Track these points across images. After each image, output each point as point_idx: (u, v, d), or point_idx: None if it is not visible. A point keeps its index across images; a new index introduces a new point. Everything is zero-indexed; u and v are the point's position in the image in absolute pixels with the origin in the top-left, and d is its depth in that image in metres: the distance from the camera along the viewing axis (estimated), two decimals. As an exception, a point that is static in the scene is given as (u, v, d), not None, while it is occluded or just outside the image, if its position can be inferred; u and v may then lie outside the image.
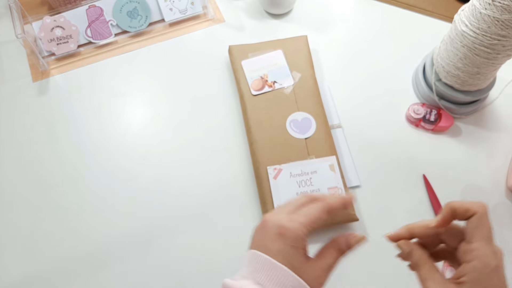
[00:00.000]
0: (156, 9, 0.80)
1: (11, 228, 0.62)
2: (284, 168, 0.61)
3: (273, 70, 0.69)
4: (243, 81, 0.68)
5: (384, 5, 0.84)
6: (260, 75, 0.68)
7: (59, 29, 0.76)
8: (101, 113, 0.72)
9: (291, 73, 0.68)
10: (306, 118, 0.65)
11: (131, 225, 0.62)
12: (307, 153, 0.62)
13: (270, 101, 0.67)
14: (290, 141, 0.63)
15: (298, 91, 0.67)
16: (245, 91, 0.68)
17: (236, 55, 0.71)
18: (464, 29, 0.57)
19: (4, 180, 0.66)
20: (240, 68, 0.70)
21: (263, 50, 0.71)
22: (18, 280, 0.59)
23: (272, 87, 0.67)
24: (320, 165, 0.61)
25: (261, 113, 0.65)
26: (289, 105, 0.66)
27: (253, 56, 0.70)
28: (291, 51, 0.71)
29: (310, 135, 0.63)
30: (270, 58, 0.70)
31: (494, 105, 0.71)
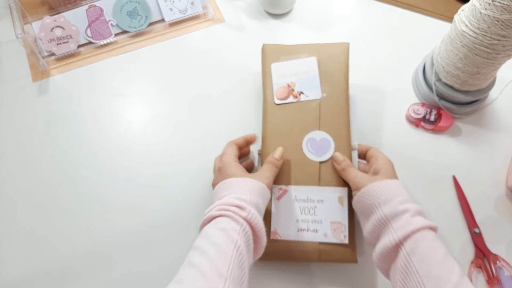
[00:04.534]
0: (156, 9, 0.80)
1: (11, 228, 0.62)
2: (290, 190, 0.56)
3: (302, 79, 0.61)
4: (269, 86, 0.62)
5: (384, 5, 0.84)
6: (287, 83, 0.61)
7: (59, 29, 0.76)
8: (101, 113, 0.72)
9: (321, 85, 0.61)
10: (325, 139, 0.58)
11: (131, 224, 0.62)
12: (318, 179, 0.56)
13: (291, 113, 0.60)
14: (303, 162, 0.57)
15: (324, 106, 0.60)
16: (268, 97, 0.61)
17: (268, 55, 0.64)
18: (464, 29, 0.57)
19: (5, 180, 0.66)
20: (269, 72, 0.63)
21: (297, 54, 0.63)
22: (18, 279, 0.59)
23: (297, 98, 0.60)
24: (329, 195, 0.56)
25: (279, 125, 0.59)
26: (311, 121, 0.59)
27: (285, 59, 0.63)
28: (326, 59, 0.62)
29: (326, 159, 0.57)
30: (302, 65, 0.62)
31: (494, 105, 0.71)
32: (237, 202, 0.46)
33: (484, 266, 0.57)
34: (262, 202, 0.50)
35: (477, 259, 0.58)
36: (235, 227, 0.44)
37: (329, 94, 0.60)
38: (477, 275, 0.57)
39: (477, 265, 0.57)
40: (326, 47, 0.63)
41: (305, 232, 0.54)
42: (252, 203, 0.47)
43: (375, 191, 0.49)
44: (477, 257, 0.58)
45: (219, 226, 0.44)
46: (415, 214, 0.46)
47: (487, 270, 0.57)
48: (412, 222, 0.45)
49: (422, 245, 0.43)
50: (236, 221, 0.45)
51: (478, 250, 0.59)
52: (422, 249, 0.43)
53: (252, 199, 0.48)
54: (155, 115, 0.72)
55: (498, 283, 0.55)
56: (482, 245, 0.59)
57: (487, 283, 0.56)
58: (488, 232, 0.60)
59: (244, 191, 0.49)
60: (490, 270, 0.57)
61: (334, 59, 0.62)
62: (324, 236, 0.54)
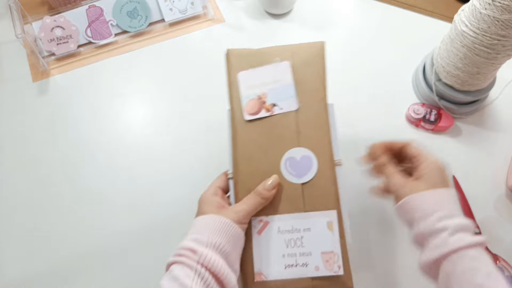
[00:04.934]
0: (156, 9, 0.80)
1: (11, 228, 0.62)
2: (271, 221, 0.48)
3: (275, 89, 0.51)
4: (237, 100, 0.51)
5: (384, 5, 0.84)
6: (258, 94, 0.51)
7: (59, 29, 0.76)
8: (101, 113, 0.72)
9: (296, 94, 0.51)
10: (306, 156, 0.50)
11: (131, 224, 0.62)
12: (303, 204, 0.48)
13: (265, 130, 0.50)
14: (284, 186, 0.49)
15: (302, 119, 0.50)
16: (237, 113, 0.51)
17: (234, 62, 0.53)
18: (464, 29, 0.57)
19: (4, 180, 0.66)
20: (236, 82, 0.52)
21: (268, 58, 0.53)
22: (18, 279, 0.59)
23: (270, 112, 0.50)
24: (316, 221, 0.48)
25: (252, 146, 0.50)
26: (288, 137, 0.50)
27: (253, 67, 0.53)
28: (301, 63, 0.53)
29: (309, 180, 0.49)
30: (274, 72, 0.52)
31: (494, 105, 0.71)
32: (191, 244, 0.42)
33: None
34: (227, 240, 0.44)
35: None
36: (189, 274, 0.40)
37: (306, 104, 0.51)
38: None
39: None
40: (299, 48, 0.54)
41: (293, 268, 0.47)
42: (210, 244, 0.42)
43: (412, 206, 0.45)
44: None
45: (172, 275, 0.41)
46: (454, 232, 0.42)
47: None
48: (448, 242, 0.41)
49: (459, 268, 0.40)
50: (189, 266, 0.41)
51: None
52: (459, 271, 0.40)
53: (211, 239, 0.43)
54: (155, 115, 0.72)
55: None
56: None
57: None
58: (488, 232, 0.60)
59: (203, 230, 0.44)
60: None
61: (309, 62, 0.53)
62: (315, 270, 0.47)
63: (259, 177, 0.48)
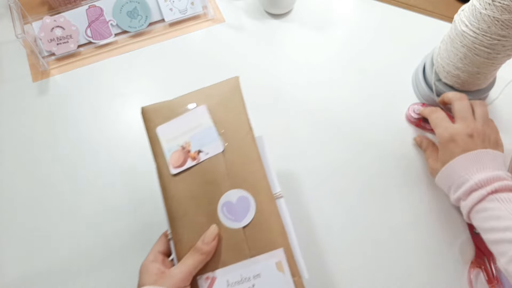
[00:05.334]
0: (156, 9, 0.80)
1: (12, 227, 0.62)
2: (218, 276, 0.45)
3: (197, 135, 0.49)
4: (161, 155, 0.49)
5: (384, 5, 0.84)
6: (181, 144, 0.49)
7: (59, 29, 0.76)
8: (101, 113, 0.72)
9: (219, 135, 0.49)
10: (242, 197, 0.46)
11: (131, 223, 0.62)
12: (248, 249, 0.45)
13: (195, 180, 0.47)
14: (225, 234, 0.46)
15: (230, 159, 0.48)
16: (163, 169, 0.48)
17: (150, 119, 0.51)
18: (464, 29, 0.57)
19: (4, 180, 0.66)
20: (156, 138, 0.50)
21: (183, 107, 0.51)
22: (19, 279, 0.59)
23: (196, 159, 0.48)
24: (265, 265, 0.44)
25: (185, 200, 0.47)
26: (220, 182, 0.47)
27: (170, 119, 0.50)
28: (218, 103, 0.51)
29: (249, 221, 0.46)
30: (192, 119, 0.50)
31: (494, 105, 0.71)
32: None
33: (484, 266, 0.57)
34: None
35: (477, 259, 0.58)
36: None
37: (232, 143, 0.48)
38: (477, 275, 0.57)
39: (477, 265, 0.57)
40: (213, 90, 0.52)
41: None
42: None
43: (441, 186, 0.57)
44: (477, 257, 0.58)
45: None
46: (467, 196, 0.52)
47: (487, 270, 0.57)
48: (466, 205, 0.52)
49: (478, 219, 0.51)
50: None
51: (478, 250, 0.59)
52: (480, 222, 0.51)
53: None
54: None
55: (498, 283, 0.55)
56: (482, 245, 0.58)
57: (487, 283, 0.56)
58: (488, 232, 0.60)
59: None
60: (490, 270, 0.57)
61: (226, 100, 0.51)
62: None
63: (199, 231, 0.45)
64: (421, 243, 0.60)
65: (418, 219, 0.62)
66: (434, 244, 0.60)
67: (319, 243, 0.60)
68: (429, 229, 0.61)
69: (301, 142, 0.69)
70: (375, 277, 0.58)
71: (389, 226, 0.61)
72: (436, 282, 0.57)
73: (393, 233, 0.61)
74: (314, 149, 0.68)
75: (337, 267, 0.58)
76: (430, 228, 0.61)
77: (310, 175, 0.65)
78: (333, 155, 0.67)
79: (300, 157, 0.67)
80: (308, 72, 0.76)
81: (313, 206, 0.63)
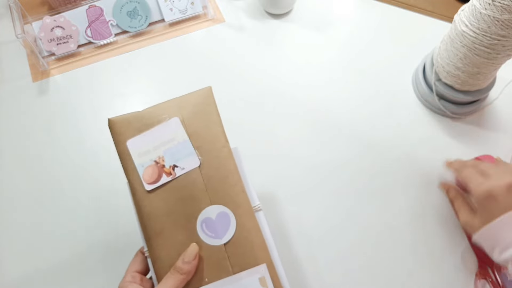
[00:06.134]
0: (156, 9, 0.80)
1: (12, 228, 0.62)
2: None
3: (171, 149, 0.47)
4: (132, 170, 0.46)
5: (384, 5, 0.84)
6: (154, 159, 0.46)
7: (59, 29, 0.76)
8: (101, 113, 0.72)
9: (194, 149, 0.46)
10: (222, 213, 0.45)
11: (131, 223, 0.62)
12: (230, 266, 0.44)
13: (171, 196, 0.45)
14: (206, 252, 0.44)
15: (207, 173, 0.46)
16: (136, 185, 0.46)
17: (119, 132, 0.48)
18: (464, 29, 0.57)
19: (5, 180, 0.66)
20: (126, 152, 0.47)
21: (154, 119, 0.48)
22: (19, 278, 0.59)
23: (172, 175, 0.46)
24: (249, 281, 0.43)
25: (161, 217, 0.45)
26: (198, 198, 0.45)
27: (141, 131, 0.48)
28: (191, 114, 0.48)
29: (230, 238, 0.44)
30: (164, 131, 0.48)
31: (494, 105, 0.71)
32: None
33: (489, 276, 0.55)
34: None
35: (481, 270, 0.56)
36: None
37: (208, 156, 0.46)
38: (484, 286, 0.56)
39: (481, 276, 0.56)
40: (185, 101, 0.50)
41: None
42: None
43: (480, 244, 0.49)
44: (480, 267, 0.57)
45: None
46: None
47: (493, 282, 0.55)
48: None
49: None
50: None
51: (480, 259, 0.57)
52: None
53: None
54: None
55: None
56: (482, 254, 0.55)
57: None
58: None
59: None
60: (496, 279, 0.55)
61: (200, 112, 0.48)
62: None
63: (177, 249, 0.44)
64: (420, 244, 0.60)
65: (418, 219, 0.62)
66: (434, 245, 0.60)
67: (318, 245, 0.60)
68: (429, 230, 0.61)
69: (300, 142, 0.69)
70: (375, 277, 0.58)
71: (389, 227, 0.61)
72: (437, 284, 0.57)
73: (392, 234, 0.61)
74: (314, 149, 0.68)
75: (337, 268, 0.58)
76: (430, 229, 0.61)
77: (310, 175, 0.65)
78: (332, 155, 0.67)
79: (300, 157, 0.67)
80: (308, 72, 0.76)
81: (310, 208, 0.63)
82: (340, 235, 0.61)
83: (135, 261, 0.47)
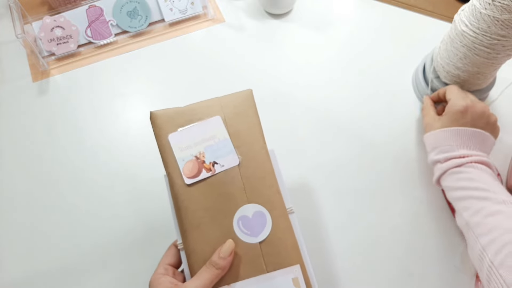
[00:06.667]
0: (156, 9, 0.80)
1: (12, 228, 0.62)
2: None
3: (211, 146, 0.48)
4: (173, 164, 0.48)
5: (384, 5, 0.84)
6: (195, 154, 0.48)
7: (59, 29, 0.76)
8: (101, 113, 0.72)
9: (235, 148, 0.48)
10: (258, 212, 0.46)
11: (131, 223, 0.62)
12: (264, 264, 0.45)
13: (210, 192, 0.47)
14: (241, 249, 0.45)
15: (246, 173, 0.47)
16: (175, 178, 0.47)
17: (161, 125, 0.49)
18: (464, 29, 0.57)
19: (5, 180, 0.66)
20: (168, 146, 0.48)
21: (196, 115, 0.49)
22: (19, 278, 0.59)
23: (211, 171, 0.47)
24: (282, 280, 0.44)
25: (199, 211, 0.46)
26: (236, 195, 0.46)
27: (182, 127, 0.49)
28: (232, 115, 0.50)
29: (265, 237, 0.45)
30: (206, 129, 0.49)
31: (494, 105, 0.71)
32: None
33: None
34: None
35: None
36: None
37: (247, 156, 0.48)
38: None
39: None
40: (227, 100, 0.51)
41: None
42: None
43: (426, 141, 0.60)
44: None
45: None
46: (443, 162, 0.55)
47: None
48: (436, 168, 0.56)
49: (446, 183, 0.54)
50: None
51: None
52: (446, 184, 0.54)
53: None
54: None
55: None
56: None
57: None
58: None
59: None
60: None
61: (241, 113, 0.50)
62: None
63: (213, 244, 0.45)
64: (420, 245, 0.60)
65: (418, 220, 0.62)
66: (434, 246, 0.60)
67: (319, 245, 0.60)
68: (428, 230, 0.61)
69: (300, 142, 0.69)
70: (375, 277, 0.58)
71: (389, 228, 0.61)
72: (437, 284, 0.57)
73: (392, 235, 0.61)
74: (314, 149, 0.68)
75: (337, 268, 0.58)
76: (430, 230, 0.61)
77: (310, 175, 0.65)
78: (333, 156, 0.67)
79: (299, 157, 0.67)
80: (308, 72, 0.76)
81: (310, 208, 0.63)
82: (340, 235, 0.61)
83: (168, 254, 0.47)
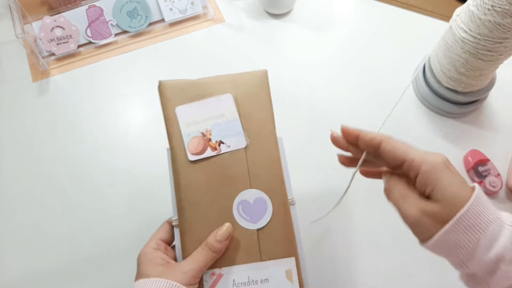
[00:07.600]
0: (156, 9, 0.80)
1: (12, 228, 0.63)
2: (225, 273, 0.43)
3: (219, 124, 0.46)
4: (177, 138, 0.46)
5: (384, 5, 0.84)
6: (201, 131, 0.46)
7: (59, 29, 0.76)
8: (101, 113, 0.72)
9: (243, 130, 0.46)
10: (260, 198, 0.45)
11: (131, 223, 0.62)
12: (259, 252, 0.44)
13: (213, 171, 0.45)
14: (237, 233, 0.44)
15: (252, 156, 0.45)
16: (178, 153, 0.45)
17: (169, 96, 0.47)
18: (464, 35, 0.57)
19: (5, 180, 0.66)
20: (174, 118, 0.46)
21: (207, 90, 0.47)
22: (20, 277, 0.59)
23: (217, 150, 0.45)
24: (275, 271, 0.43)
25: (199, 189, 0.45)
26: (239, 178, 0.45)
27: (192, 100, 0.47)
28: (245, 94, 0.47)
29: (264, 225, 0.44)
30: (216, 106, 0.47)
31: (494, 105, 0.72)
32: None
33: None
34: None
35: None
36: None
37: (255, 139, 0.46)
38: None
39: None
40: (242, 78, 0.48)
41: None
42: None
43: (448, 244, 0.34)
44: None
45: None
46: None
47: None
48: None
49: None
50: None
51: None
52: None
53: None
54: (155, 115, 0.72)
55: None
56: None
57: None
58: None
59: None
60: None
61: (254, 94, 0.47)
62: None
63: (209, 224, 0.43)
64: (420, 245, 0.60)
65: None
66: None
67: (318, 246, 0.61)
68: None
69: (300, 141, 0.69)
70: (375, 278, 0.58)
71: (389, 228, 0.61)
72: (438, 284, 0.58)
73: (392, 235, 0.61)
74: (314, 148, 0.68)
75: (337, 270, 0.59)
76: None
77: (310, 175, 0.65)
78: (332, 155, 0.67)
79: (299, 157, 0.67)
80: (308, 72, 0.76)
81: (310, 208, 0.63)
82: (340, 235, 0.61)
83: (161, 230, 0.46)
